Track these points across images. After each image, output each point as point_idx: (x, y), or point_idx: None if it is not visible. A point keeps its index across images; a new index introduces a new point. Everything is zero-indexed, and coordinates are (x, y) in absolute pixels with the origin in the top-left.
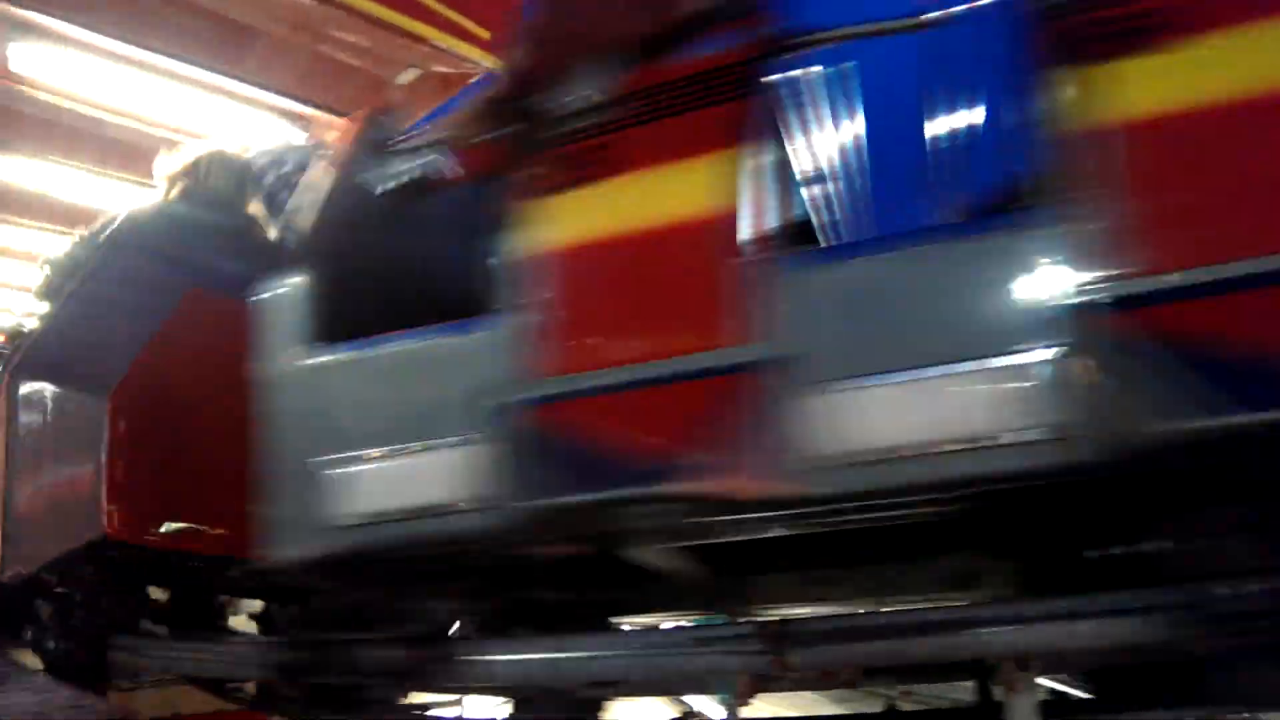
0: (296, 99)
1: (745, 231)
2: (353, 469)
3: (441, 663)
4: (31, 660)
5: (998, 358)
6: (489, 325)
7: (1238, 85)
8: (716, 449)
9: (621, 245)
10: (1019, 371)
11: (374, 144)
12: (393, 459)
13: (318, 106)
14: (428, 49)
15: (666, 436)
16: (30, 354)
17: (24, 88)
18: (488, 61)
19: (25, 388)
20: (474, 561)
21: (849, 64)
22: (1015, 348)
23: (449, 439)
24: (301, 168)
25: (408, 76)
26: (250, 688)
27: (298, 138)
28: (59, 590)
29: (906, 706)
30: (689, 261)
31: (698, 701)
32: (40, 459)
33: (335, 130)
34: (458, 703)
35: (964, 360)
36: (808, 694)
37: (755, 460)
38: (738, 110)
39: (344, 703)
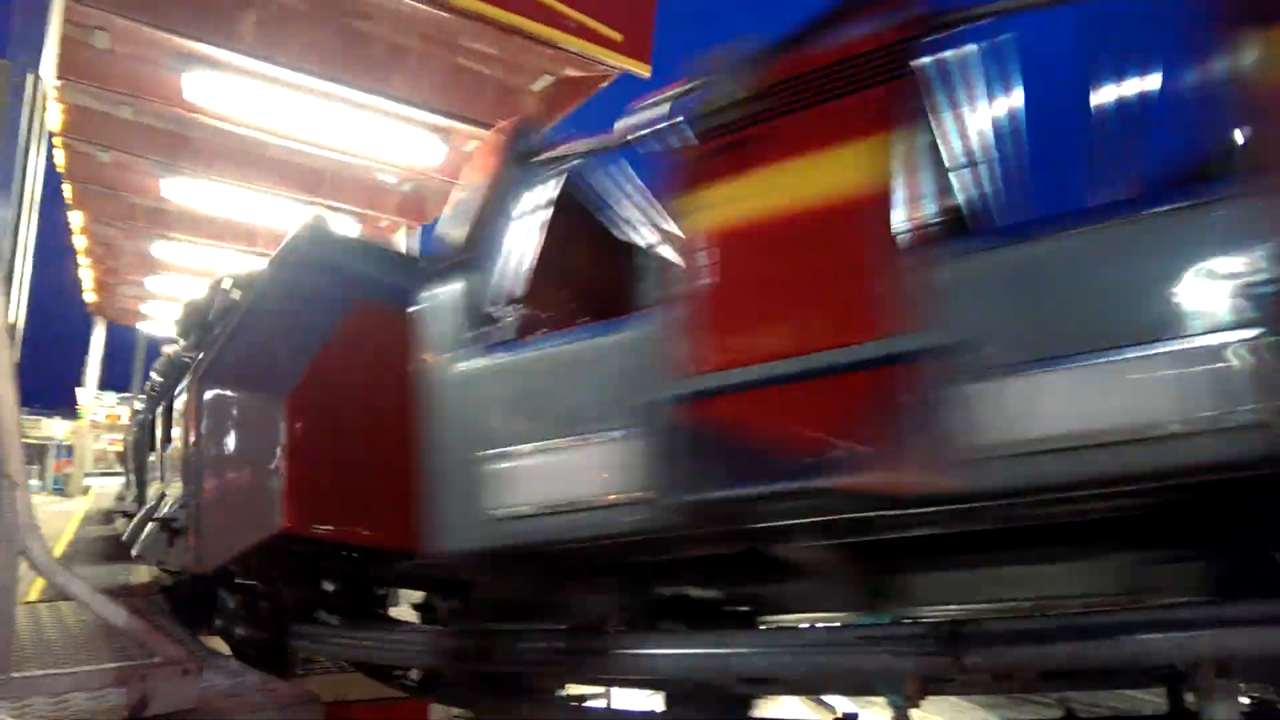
0: (438, 112)
1: (900, 219)
2: (511, 465)
3: (604, 655)
4: (221, 646)
5: (1187, 339)
6: (641, 323)
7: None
8: (876, 442)
9: (773, 237)
10: (1210, 354)
11: (519, 155)
12: (550, 455)
13: (456, 118)
14: (559, 54)
15: (823, 430)
16: (213, 365)
17: (195, 114)
18: (618, 63)
19: (210, 396)
20: (627, 556)
21: (1003, 39)
22: (1207, 329)
23: (604, 435)
24: None
25: (542, 83)
26: (414, 675)
27: (438, 149)
28: (243, 582)
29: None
30: (843, 251)
31: (839, 703)
32: (224, 461)
33: (481, 142)
34: (605, 694)
35: (1147, 343)
36: (953, 699)
37: (915, 454)
38: (888, 94)
39: (505, 691)
